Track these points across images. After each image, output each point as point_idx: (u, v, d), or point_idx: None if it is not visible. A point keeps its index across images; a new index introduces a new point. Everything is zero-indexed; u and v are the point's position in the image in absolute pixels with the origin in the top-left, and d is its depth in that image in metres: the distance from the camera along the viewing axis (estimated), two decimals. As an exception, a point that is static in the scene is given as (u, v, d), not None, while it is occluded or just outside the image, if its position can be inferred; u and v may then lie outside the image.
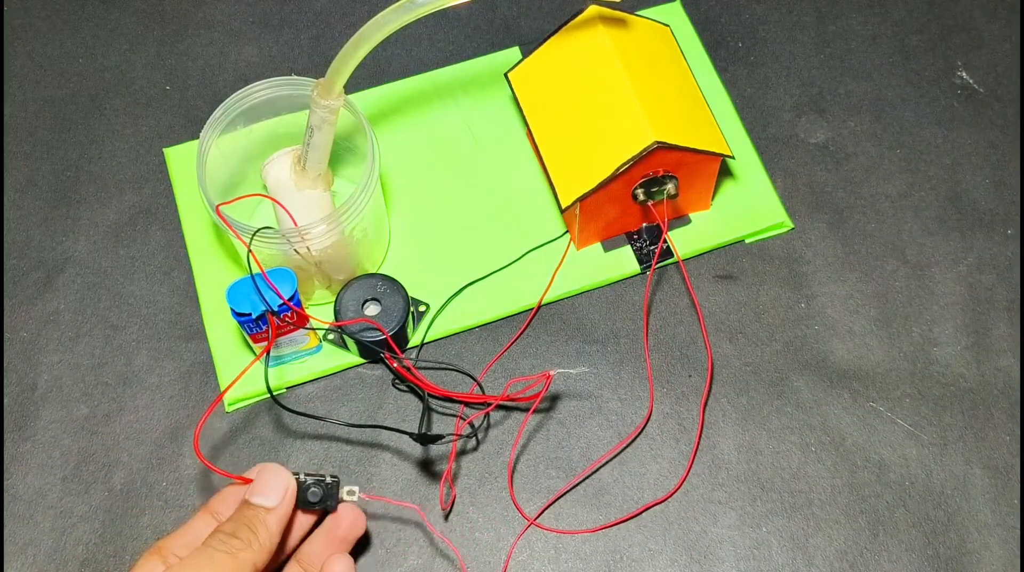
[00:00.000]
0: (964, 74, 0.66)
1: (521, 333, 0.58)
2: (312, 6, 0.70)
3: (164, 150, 0.64)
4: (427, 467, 0.55)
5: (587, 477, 0.54)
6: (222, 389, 0.57)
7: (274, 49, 0.68)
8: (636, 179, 0.55)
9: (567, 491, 0.54)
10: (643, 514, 0.53)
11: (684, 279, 0.59)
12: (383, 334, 0.54)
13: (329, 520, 0.50)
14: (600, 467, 0.54)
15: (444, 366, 0.57)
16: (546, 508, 0.53)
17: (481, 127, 0.64)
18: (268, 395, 0.55)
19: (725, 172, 0.62)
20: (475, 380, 0.56)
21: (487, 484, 0.54)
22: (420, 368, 0.57)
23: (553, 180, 0.56)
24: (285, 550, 0.49)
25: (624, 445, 0.55)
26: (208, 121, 0.54)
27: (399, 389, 0.56)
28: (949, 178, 0.62)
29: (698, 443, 0.55)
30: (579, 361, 0.57)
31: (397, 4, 0.49)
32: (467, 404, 0.55)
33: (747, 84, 0.66)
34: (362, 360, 0.57)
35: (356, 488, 0.49)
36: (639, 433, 0.55)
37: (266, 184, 0.58)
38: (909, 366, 0.57)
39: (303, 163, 0.55)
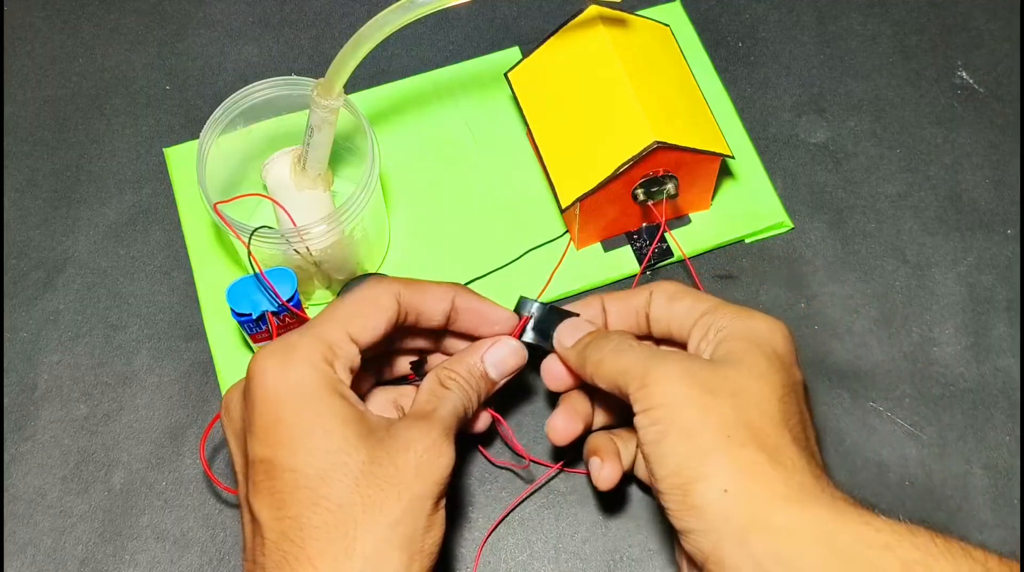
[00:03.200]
0: (964, 74, 0.66)
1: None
2: (312, 6, 0.70)
3: (164, 150, 0.64)
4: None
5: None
6: (223, 390, 0.57)
7: (274, 49, 0.68)
8: (636, 179, 0.55)
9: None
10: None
11: (686, 278, 0.59)
12: None
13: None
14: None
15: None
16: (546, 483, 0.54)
17: (481, 127, 0.64)
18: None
19: (725, 172, 0.62)
20: None
21: (486, 485, 0.54)
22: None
23: (553, 180, 0.56)
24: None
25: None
26: (208, 121, 0.54)
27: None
28: (949, 178, 0.62)
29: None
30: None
31: (397, 4, 0.49)
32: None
33: (747, 84, 0.66)
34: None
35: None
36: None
37: (266, 184, 0.58)
38: (909, 366, 0.57)
39: (303, 163, 0.55)
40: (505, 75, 0.60)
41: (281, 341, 0.43)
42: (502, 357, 0.49)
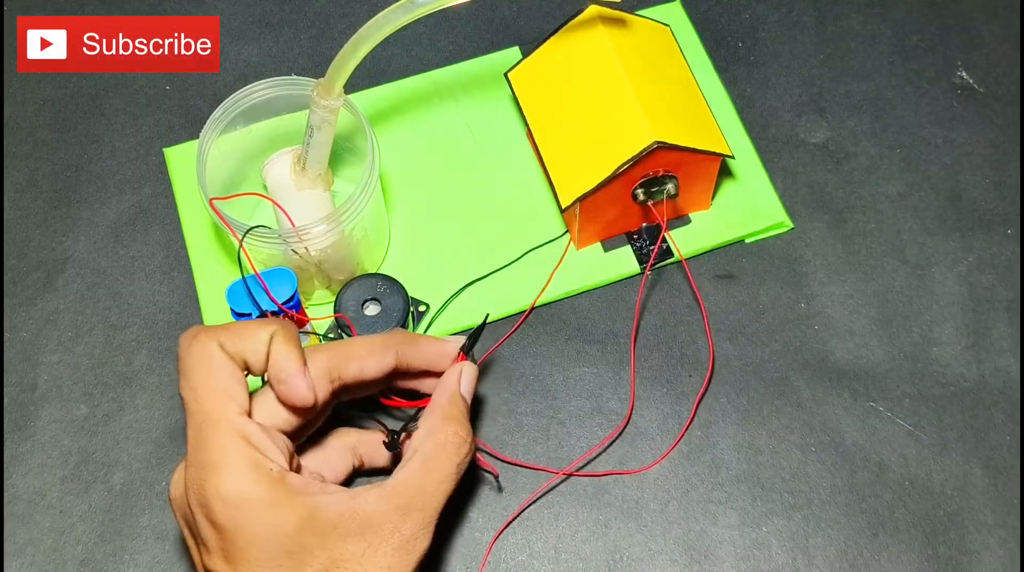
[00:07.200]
0: (964, 74, 0.66)
1: (512, 332, 0.58)
2: (312, 6, 0.70)
3: (164, 150, 0.64)
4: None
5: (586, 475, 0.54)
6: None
7: (274, 49, 0.68)
8: (636, 179, 0.55)
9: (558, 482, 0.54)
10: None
11: (685, 278, 0.59)
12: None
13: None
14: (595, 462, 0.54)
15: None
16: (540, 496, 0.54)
17: (481, 127, 0.64)
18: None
19: (725, 172, 0.62)
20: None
21: (485, 483, 0.54)
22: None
23: (553, 180, 0.56)
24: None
25: (610, 439, 0.55)
26: (208, 121, 0.54)
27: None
28: (949, 178, 0.62)
29: (685, 432, 0.55)
30: (579, 361, 0.57)
31: (397, 4, 0.49)
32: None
33: (747, 84, 0.66)
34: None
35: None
36: (622, 430, 0.55)
37: (266, 184, 0.58)
38: (909, 366, 0.57)
39: (303, 163, 0.55)
40: (505, 75, 0.60)
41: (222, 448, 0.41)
42: (472, 381, 0.49)
